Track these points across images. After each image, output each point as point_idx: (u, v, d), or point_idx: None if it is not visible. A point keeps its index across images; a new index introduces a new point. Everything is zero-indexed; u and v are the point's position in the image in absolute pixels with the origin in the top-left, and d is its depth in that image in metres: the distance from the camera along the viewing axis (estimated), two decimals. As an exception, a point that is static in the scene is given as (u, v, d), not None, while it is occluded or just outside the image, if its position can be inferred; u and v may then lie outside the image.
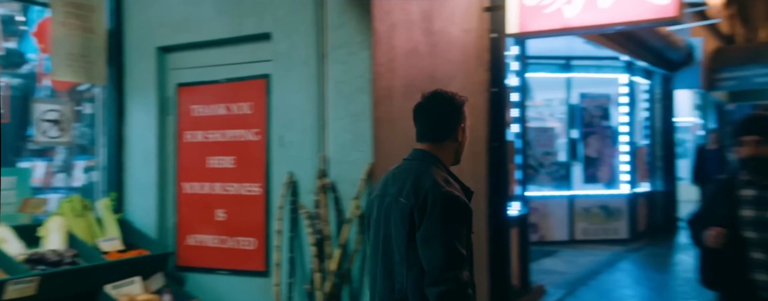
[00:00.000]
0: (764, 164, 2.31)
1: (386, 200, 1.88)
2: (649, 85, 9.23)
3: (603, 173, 8.50)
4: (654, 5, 3.57)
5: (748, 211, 2.35)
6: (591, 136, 8.53)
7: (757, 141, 2.30)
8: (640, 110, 9.24)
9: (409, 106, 3.29)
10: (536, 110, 9.28)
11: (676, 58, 8.99)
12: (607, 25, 3.75)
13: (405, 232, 1.77)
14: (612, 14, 3.69)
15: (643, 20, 3.66)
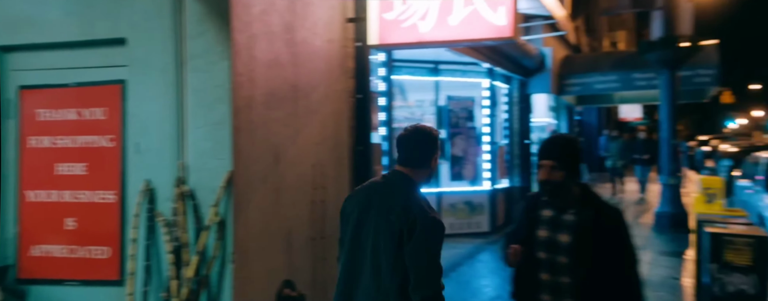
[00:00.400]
0: (557, 189, 2.34)
1: (372, 212, 2.20)
2: (508, 89, 10.12)
3: (468, 170, 9.20)
4: (495, 26, 4.02)
5: (544, 231, 2.39)
6: (457, 136, 9.17)
7: (551, 166, 2.32)
8: (501, 112, 10.12)
9: (270, 115, 3.43)
10: (409, 111, 9.77)
11: (531, 66, 9.95)
12: (456, 41, 4.15)
13: (394, 246, 2.11)
14: (460, 31, 4.08)
15: (486, 38, 4.10)
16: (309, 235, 3.82)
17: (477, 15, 4.04)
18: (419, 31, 4.17)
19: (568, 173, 2.33)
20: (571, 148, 2.38)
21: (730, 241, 4.58)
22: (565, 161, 2.33)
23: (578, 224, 2.32)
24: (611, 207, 2.40)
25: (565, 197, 2.36)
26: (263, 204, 3.35)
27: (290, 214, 3.61)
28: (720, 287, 4.52)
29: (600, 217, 2.32)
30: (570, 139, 2.47)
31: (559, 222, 2.38)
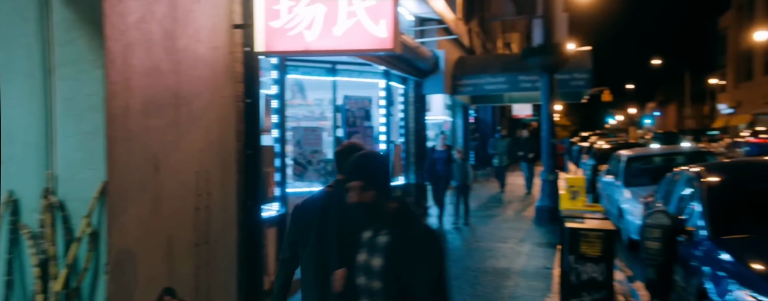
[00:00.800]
0: (371, 211, 2.16)
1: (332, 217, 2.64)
2: (404, 89, 10.51)
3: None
4: (377, 38, 4.24)
5: (362, 255, 2.21)
6: (354, 135, 9.40)
7: (361, 187, 2.15)
8: (397, 112, 10.49)
9: (150, 123, 3.41)
10: (308, 109, 9.85)
11: (425, 67, 10.40)
12: (340, 51, 4.32)
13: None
14: (344, 42, 4.26)
15: (368, 49, 4.30)
16: (193, 241, 3.83)
17: (360, 27, 4.23)
18: (305, 40, 4.28)
19: (378, 191, 2.18)
20: (377, 165, 2.23)
21: (585, 234, 5.18)
22: (373, 180, 2.18)
23: (389, 245, 2.17)
24: (423, 226, 2.27)
25: (379, 217, 2.19)
26: (142, 213, 3.33)
27: (172, 221, 3.61)
28: (576, 275, 5.10)
29: (410, 237, 2.16)
30: (374, 156, 2.33)
31: (374, 244, 2.20)
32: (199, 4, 3.90)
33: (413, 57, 9.51)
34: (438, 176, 9.60)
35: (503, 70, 12.08)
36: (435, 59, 10.59)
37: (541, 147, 10.42)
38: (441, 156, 9.77)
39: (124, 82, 3.19)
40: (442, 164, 9.65)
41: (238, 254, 4.45)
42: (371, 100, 9.67)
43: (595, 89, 49.23)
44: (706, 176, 4.86)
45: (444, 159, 9.71)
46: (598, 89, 48.40)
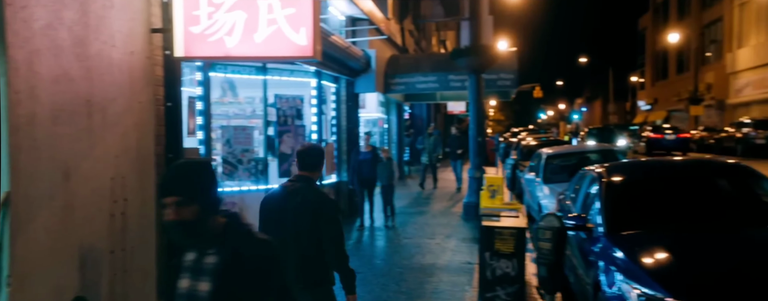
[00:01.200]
0: (191, 229, 1.90)
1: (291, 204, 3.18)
2: (336, 88, 10.61)
3: (295, 167, 9.50)
4: (297, 45, 4.32)
5: (185, 281, 1.97)
6: (285, 133, 9.41)
7: (177, 202, 1.89)
8: (329, 110, 10.58)
9: (59, 131, 3.35)
10: (239, 107, 9.75)
11: (357, 67, 10.53)
12: (261, 57, 4.38)
13: (311, 220, 3.14)
14: (264, 48, 4.31)
15: (289, 57, 4.39)
16: (108, 249, 3.80)
17: (280, 34, 4.30)
18: (226, 45, 4.30)
19: (201, 206, 1.91)
20: (198, 176, 1.95)
21: (499, 232, 5.50)
22: (194, 193, 1.90)
23: (217, 267, 1.92)
24: (258, 241, 2.00)
25: (203, 235, 1.93)
26: (51, 222, 3.28)
27: (85, 229, 3.57)
28: (491, 271, 5.42)
29: (241, 256, 1.92)
30: (195, 165, 2.02)
31: (199, 268, 1.95)
32: (113, 10, 3.85)
33: (344, 57, 9.62)
34: (363, 177, 9.55)
35: (434, 69, 12.42)
36: (366, 59, 10.74)
37: (469, 144, 10.81)
38: (366, 157, 9.69)
39: (29, 91, 3.12)
40: (367, 165, 9.56)
41: (158, 259, 4.43)
42: (303, 98, 9.71)
43: (527, 86, 51.17)
44: (605, 175, 5.28)
45: (369, 160, 9.61)
46: (530, 86, 50.35)
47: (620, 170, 5.55)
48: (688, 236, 4.28)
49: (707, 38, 36.54)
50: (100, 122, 3.71)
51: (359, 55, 10.29)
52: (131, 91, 4.08)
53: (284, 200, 3.23)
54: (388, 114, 16.17)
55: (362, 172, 9.48)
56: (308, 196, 3.18)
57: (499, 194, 6.70)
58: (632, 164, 6.00)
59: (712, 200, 4.76)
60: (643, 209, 4.83)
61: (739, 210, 4.62)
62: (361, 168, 9.56)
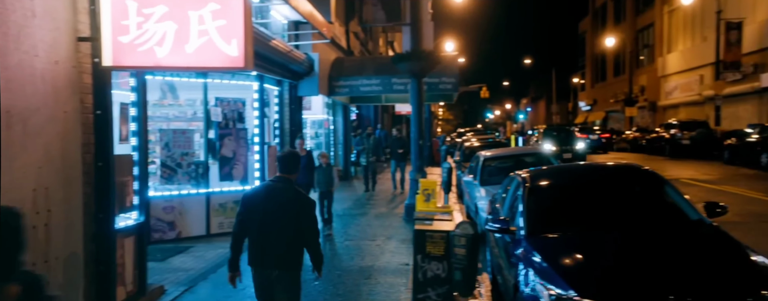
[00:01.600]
0: None
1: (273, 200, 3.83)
2: (278, 91, 10.62)
3: (237, 170, 9.46)
4: (229, 56, 4.38)
5: None
6: (226, 137, 9.35)
7: None
8: (272, 113, 10.57)
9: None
10: (180, 110, 9.61)
11: (300, 70, 10.58)
12: (192, 68, 4.41)
13: (294, 214, 3.83)
14: (195, 59, 4.35)
15: (220, 67, 4.44)
16: (29, 261, 3.75)
17: (212, 45, 4.35)
18: (156, 55, 4.31)
19: None
20: None
21: (430, 235, 5.72)
22: None
23: None
24: None
25: None
26: (-32, 237, 3.22)
27: (5, 243, 3.51)
28: (423, 273, 5.63)
29: None
30: None
31: None
32: (35, 19, 3.79)
33: (286, 61, 9.65)
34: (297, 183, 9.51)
35: (378, 72, 12.61)
36: (310, 62, 10.80)
37: (411, 147, 11.05)
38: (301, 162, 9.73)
39: (-57, 104, 3.06)
40: (301, 170, 9.49)
41: (86, 268, 4.40)
42: (244, 102, 9.66)
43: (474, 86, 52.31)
44: (527, 180, 5.60)
45: (303, 165, 9.09)
46: (477, 86, 51.50)
47: (540, 175, 5.89)
48: (597, 237, 4.62)
49: (641, 43, 38.49)
50: (20, 133, 3.66)
51: (302, 58, 10.34)
52: (55, 101, 4.03)
53: (267, 197, 3.87)
54: (334, 115, 16.26)
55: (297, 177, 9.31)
56: (290, 194, 3.88)
57: (433, 198, 6.93)
58: (552, 169, 6.36)
59: (621, 203, 5.14)
60: (560, 213, 5.16)
61: (644, 211, 5.02)
62: None
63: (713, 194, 11.99)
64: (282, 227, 3.80)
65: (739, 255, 4.12)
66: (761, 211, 9.87)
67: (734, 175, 15.74)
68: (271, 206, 3.81)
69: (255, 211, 3.85)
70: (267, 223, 3.79)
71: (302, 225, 3.82)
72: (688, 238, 4.48)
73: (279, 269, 3.83)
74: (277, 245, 3.81)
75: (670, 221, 4.82)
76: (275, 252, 3.81)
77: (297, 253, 3.88)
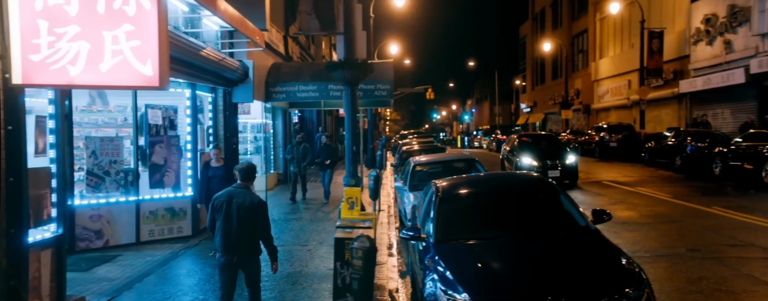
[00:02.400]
0: None
1: (234, 203, 5.01)
2: (212, 97, 10.64)
3: (169, 177, 9.44)
4: (144, 75, 4.50)
5: None
6: (158, 144, 9.32)
7: None
8: (206, 120, 10.59)
9: None
10: (110, 116, 9.49)
11: (234, 77, 10.64)
12: (106, 86, 4.50)
13: (252, 214, 4.99)
14: (109, 78, 4.45)
15: (135, 86, 4.55)
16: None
17: (126, 64, 4.46)
18: (69, 74, 4.38)
19: None
20: None
21: (348, 243, 6.03)
22: None
23: None
24: None
25: None
26: None
27: None
28: (341, 279, 5.92)
29: None
30: None
31: None
32: (-61, 39, 3.81)
33: (219, 69, 9.70)
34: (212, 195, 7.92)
35: (314, 78, 12.79)
36: (244, 69, 10.87)
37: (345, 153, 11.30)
38: (217, 173, 8.50)
39: None
40: (218, 181, 8.24)
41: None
42: (176, 109, 9.64)
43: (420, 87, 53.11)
44: (439, 190, 5.99)
45: (221, 176, 8.38)
46: (422, 87, 52.33)
47: (452, 185, 6.29)
48: (495, 244, 5.05)
49: (576, 48, 40.28)
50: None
51: (235, 66, 10.41)
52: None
53: (231, 200, 5.07)
54: (274, 119, 16.31)
55: (212, 189, 8.01)
56: (248, 198, 5.07)
57: (357, 206, 7.22)
58: (463, 179, 6.78)
59: (520, 212, 5.60)
60: (466, 222, 5.57)
61: (539, 219, 5.49)
62: (211, 184, 8.36)
63: (627, 195, 12.90)
64: (243, 224, 5.01)
65: (612, 258, 4.62)
66: (664, 212, 10.73)
67: (651, 176, 16.89)
68: (233, 208, 5.01)
69: (221, 211, 5.06)
70: (231, 221, 5.01)
71: (258, 222, 5.06)
72: (572, 244, 4.97)
73: (242, 255, 5.09)
74: (240, 237, 5.03)
75: (560, 228, 5.30)
76: (239, 243, 5.04)
77: (256, 242, 5.16)
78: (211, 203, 5.13)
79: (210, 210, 5.17)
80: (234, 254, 5.06)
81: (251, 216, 4.99)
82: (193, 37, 9.37)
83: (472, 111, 71.46)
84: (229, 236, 5.03)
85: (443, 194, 5.92)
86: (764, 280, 6.42)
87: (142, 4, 4.44)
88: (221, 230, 5.05)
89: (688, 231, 9.00)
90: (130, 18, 4.44)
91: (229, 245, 5.04)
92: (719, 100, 23.01)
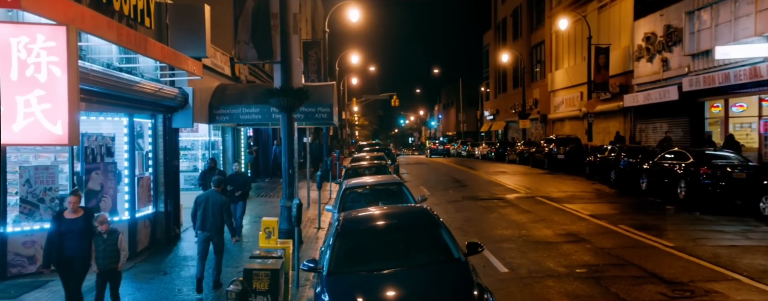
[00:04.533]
0: None
1: (210, 201, 8.35)
2: (152, 123, 11.12)
3: (105, 203, 9.88)
4: (54, 135, 5.05)
5: None
6: (94, 171, 9.74)
7: None
8: (146, 144, 11.05)
9: None
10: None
11: (173, 105, 11.13)
12: (18, 144, 5.04)
13: (221, 209, 8.31)
14: (22, 137, 4.98)
15: (46, 144, 5.10)
16: None
17: (38, 125, 5.00)
18: (-17, 133, 4.91)
19: None
20: None
21: (257, 273, 6.67)
22: None
23: None
24: None
25: None
26: None
27: None
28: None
29: None
30: None
31: None
32: None
33: (156, 99, 10.21)
34: (63, 257, 6.36)
35: (257, 101, 13.33)
36: (184, 96, 11.37)
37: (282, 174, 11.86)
38: (72, 227, 6.40)
39: None
40: (73, 236, 6.38)
41: None
42: (114, 136, 10.08)
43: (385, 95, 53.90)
44: (340, 222, 6.67)
45: (77, 231, 6.40)
46: (387, 95, 53.16)
47: (349, 218, 6.98)
48: (375, 276, 5.74)
49: (535, 58, 41.58)
50: None
51: (174, 94, 10.90)
52: None
53: (208, 199, 8.31)
54: (224, 135, 16.77)
55: (65, 248, 6.37)
56: (219, 199, 8.32)
57: (274, 235, 7.85)
58: (359, 213, 7.43)
59: (403, 245, 6.32)
60: (355, 254, 6.25)
61: (418, 251, 6.24)
62: (65, 241, 6.37)
63: (552, 213, 13.79)
64: (214, 215, 8.23)
65: (468, 289, 5.34)
66: (577, 230, 11.61)
67: (584, 191, 17.90)
68: (210, 204, 8.26)
69: (201, 206, 8.29)
70: (207, 212, 8.23)
71: (223, 213, 8.26)
72: (438, 276, 5.70)
73: (214, 232, 8.28)
74: (213, 222, 8.24)
75: (434, 260, 6.04)
76: (213, 225, 8.25)
77: (222, 224, 8.31)
78: (195, 200, 8.44)
79: (194, 204, 8.39)
80: (208, 231, 8.26)
81: (219, 210, 8.24)
82: (131, 71, 9.85)
83: (439, 117, 72.64)
84: (206, 222, 8.24)
85: (341, 228, 6.58)
86: (624, 297, 7.27)
87: (53, 72, 5.00)
88: (201, 217, 8.26)
89: (586, 251, 9.87)
90: (42, 84, 4.99)
91: (205, 227, 8.26)
92: (658, 115, 24.31)
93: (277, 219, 8.05)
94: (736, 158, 14.84)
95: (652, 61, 24.39)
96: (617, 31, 28.09)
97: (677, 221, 12.58)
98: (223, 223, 8.27)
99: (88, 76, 7.67)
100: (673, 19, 22.59)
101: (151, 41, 8.40)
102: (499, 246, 10.29)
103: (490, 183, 21.34)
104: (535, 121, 39.83)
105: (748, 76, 17.20)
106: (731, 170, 13.74)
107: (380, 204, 9.19)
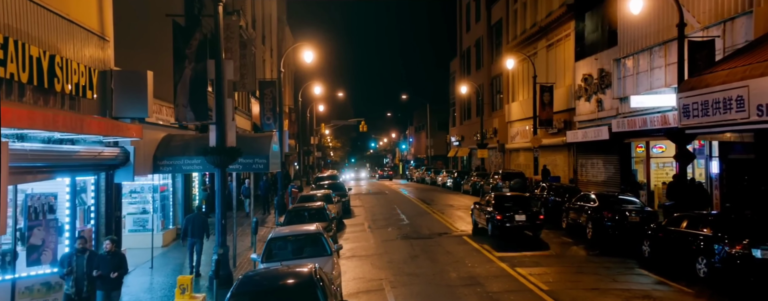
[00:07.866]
0: None
1: (195, 221, 13.49)
2: (95, 179, 12.20)
3: (46, 256, 10.90)
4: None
5: None
6: (36, 227, 10.77)
7: None
8: (89, 199, 12.12)
9: None
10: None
11: (115, 163, 12.23)
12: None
13: (203, 224, 13.58)
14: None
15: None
16: None
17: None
18: None
19: None
20: None
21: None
22: None
23: None
24: None
25: None
26: None
27: None
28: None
29: None
30: None
31: None
32: None
33: (96, 161, 11.32)
34: None
35: (198, 153, 14.44)
36: (126, 154, 12.48)
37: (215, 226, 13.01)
38: None
39: None
40: None
41: None
42: (56, 195, 11.11)
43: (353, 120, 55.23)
44: (240, 281, 7.82)
45: None
46: (356, 120, 54.50)
47: (247, 279, 8.14)
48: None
49: (495, 88, 43.34)
50: None
51: (116, 154, 12.02)
52: None
53: (195, 217, 13.59)
54: (173, 177, 17.81)
55: None
56: (203, 218, 13.56)
57: (188, 291, 9.00)
58: (259, 273, 8.63)
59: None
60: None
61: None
62: None
63: (468, 254, 15.06)
64: (199, 226, 13.22)
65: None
66: (479, 274, 12.85)
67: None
68: (196, 220, 13.40)
69: (191, 221, 13.31)
70: (195, 225, 13.24)
71: (205, 226, 13.32)
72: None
73: (197, 239, 13.17)
74: (198, 232, 13.17)
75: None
76: (197, 233, 13.14)
77: (204, 233, 13.35)
78: (186, 217, 13.91)
79: (184, 221, 13.83)
80: (194, 238, 13.11)
81: (202, 223, 13.29)
82: (73, 140, 10.94)
83: (410, 140, 74.17)
84: (194, 231, 13.13)
85: (235, 289, 7.76)
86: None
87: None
88: (189, 229, 13.11)
89: (475, 293, 11.11)
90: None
91: (193, 234, 13.14)
92: (595, 151, 25.96)
93: (189, 276, 9.17)
94: (637, 203, 16.37)
95: (589, 100, 26.12)
96: (563, 70, 29.87)
97: (569, 263, 13.84)
98: (204, 232, 13.40)
99: (26, 156, 8.77)
100: (606, 64, 24.39)
101: (87, 120, 9.54)
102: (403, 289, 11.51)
103: (433, 220, 22.60)
104: (494, 150, 41.32)
105: (660, 123, 18.89)
106: (628, 214, 15.23)
107: (281, 264, 10.23)
